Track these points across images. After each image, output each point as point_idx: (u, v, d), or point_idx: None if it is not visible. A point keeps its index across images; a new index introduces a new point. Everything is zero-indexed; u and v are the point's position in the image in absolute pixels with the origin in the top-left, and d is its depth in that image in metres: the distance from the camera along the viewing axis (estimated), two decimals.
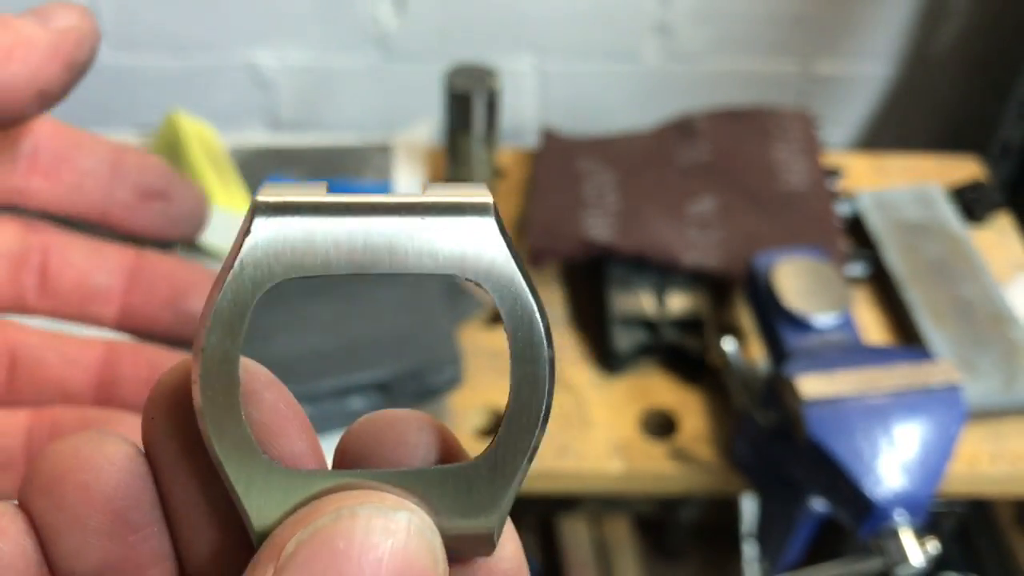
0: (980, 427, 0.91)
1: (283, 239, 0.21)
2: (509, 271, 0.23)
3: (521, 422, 0.23)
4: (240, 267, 0.21)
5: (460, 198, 0.22)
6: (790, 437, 0.77)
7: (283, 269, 0.22)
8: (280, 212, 0.22)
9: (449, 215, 0.22)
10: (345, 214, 0.22)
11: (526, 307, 0.23)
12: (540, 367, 0.23)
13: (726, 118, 1.17)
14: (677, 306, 0.97)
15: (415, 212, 0.22)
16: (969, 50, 1.39)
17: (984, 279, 1.02)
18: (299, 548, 0.21)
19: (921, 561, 0.69)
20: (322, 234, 0.22)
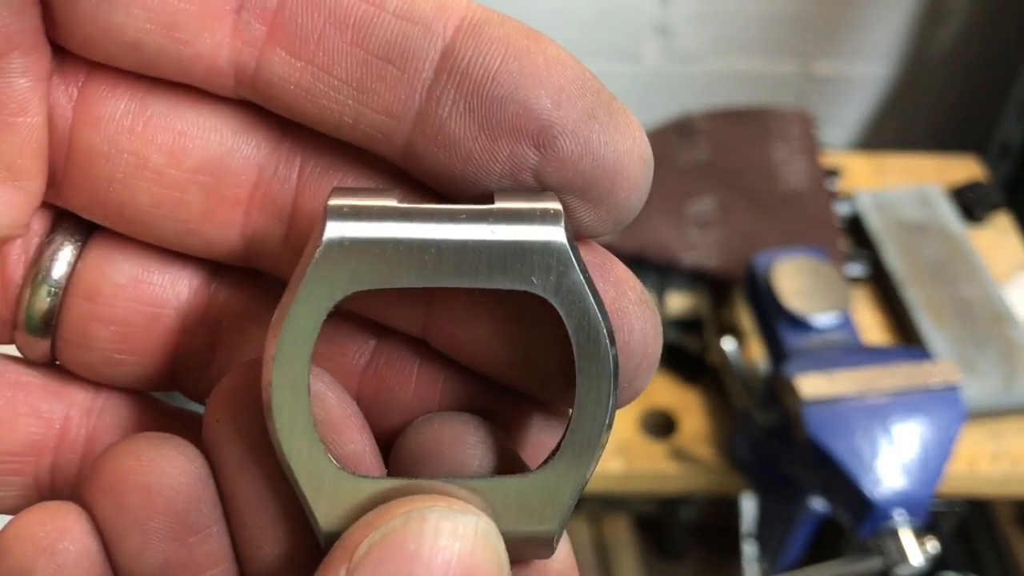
0: (979, 427, 0.91)
1: (354, 249, 0.21)
2: (578, 287, 0.22)
3: (585, 435, 0.23)
4: (314, 271, 0.21)
5: (530, 205, 0.22)
6: (790, 437, 0.77)
7: (353, 280, 0.22)
8: (352, 217, 0.22)
9: (519, 223, 0.22)
10: (416, 221, 0.22)
11: (594, 324, 0.22)
12: (605, 383, 0.23)
13: (726, 118, 1.17)
14: (677, 306, 0.97)
15: (486, 221, 0.22)
16: (968, 51, 1.39)
17: (983, 279, 1.03)
18: (371, 550, 0.21)
19: (921, 561, 0.70)
20: (392, 246, 0.22)
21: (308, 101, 0.23)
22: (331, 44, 0.22)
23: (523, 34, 0.23)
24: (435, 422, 0.25)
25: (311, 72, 0.22)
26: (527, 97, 0.22)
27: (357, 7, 0.22)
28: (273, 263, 0.25)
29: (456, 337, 0.24)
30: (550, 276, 0.22)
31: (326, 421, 0.23)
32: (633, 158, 0.24)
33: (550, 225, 0.22)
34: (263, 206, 0.24)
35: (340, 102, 0.23)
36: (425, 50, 0.22)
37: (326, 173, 0.24)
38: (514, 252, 0.22)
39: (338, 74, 0.22)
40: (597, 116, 0.23)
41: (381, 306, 0.25)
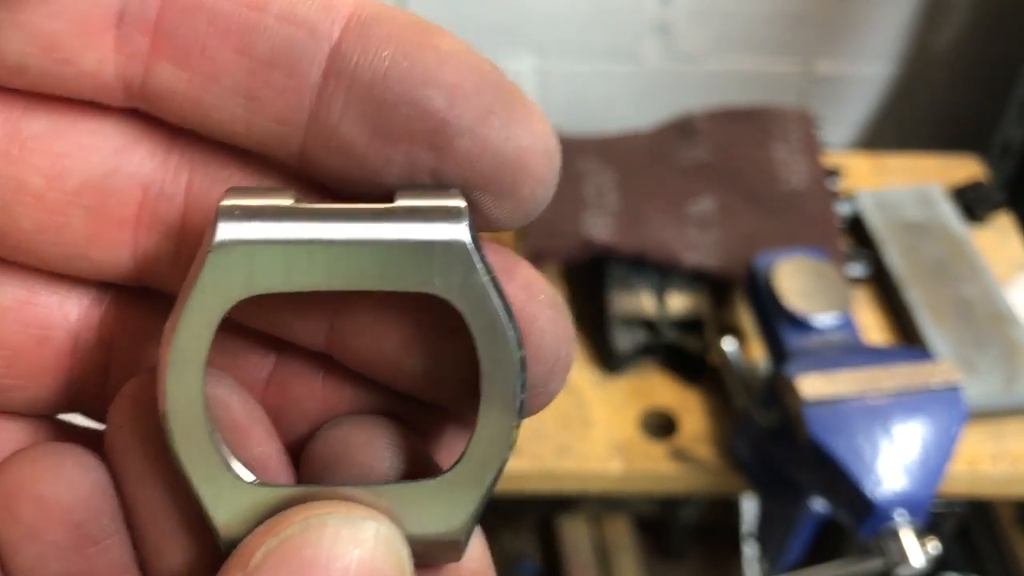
0: (980, 427, 0.91)
1: (246, 253, 0.21)
2: (480, 288, 0.22)
3: (492, 439, 0.22)
4: (207, 276, 0.21)
5: (432, 203, 0.22)
6: (790, 437, 0.77)
7: (248, 282, 0.21)
8: (245, 217, 0.21)
9: (419, 222, 0.21)
10: (312, 221, 0.21)
11: (498, 327, 0.22)
12: (511, 387, 0.22)
13: (726, 118, 1.17)
14: (677, 306, 0.97)
15: (385, 220, 0.21)
16: (969, 50, 1.39)
17: (984, 279, 1.03)
18: (267, 557, 0.21)
19: (921, 561, 0.69)
20: (286, 247, 0.21)
21: (198, 111, 0.22)
22: (215, 53, 0.21)
23: (415, 29, 0.22)
24: (344, 425, 0.24)
25: (198, 82, 0.22)
26: (419, 98, 0.22)
27: (239, 13, 0.21)
28: (166, 281, 0.24)
29: (361, 352, 0.24)
30: (452, 277, 0.21)
31: (230, 426, 0.23)
32: (536, 152, 0.23)
33: (452, 223, 0.21)
34: (151, 225, 0.23)
35: (230, 111, 0.22)
36: (311, 54, 0.21)
37: (216, 185, 0.23)
38: (415, 252, 0.21)
39: (225, 83, 0.22)
40: (496, 111, 0.22)
41: (281, 321, 0.24)
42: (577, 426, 0.91)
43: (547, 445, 0.88)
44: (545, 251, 1.01)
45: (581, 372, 0.96)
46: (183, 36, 0.21)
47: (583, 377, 0.95)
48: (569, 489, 0.90)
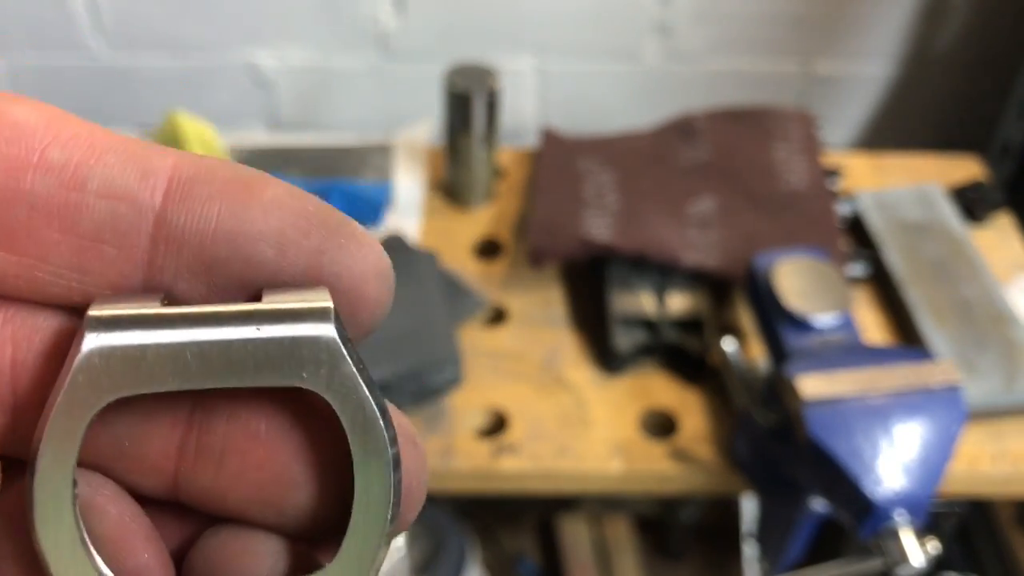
0: (980, 427, 0.91)
1: (113, 356, 0.21)
2: (350, 379, 0.22)
3: (364, 532, 0.23)
4: (73, 386, 0.21)
5: (298, 304, 0.22)
6: (790, 437, 0.77)
7: (114, 387, 0.21)
8: (111, 327, 0.21)
9: (286, 322, 0.22)
10: (177, 326, 0.21)
11: (370, 417, 0.22)
12: (383, 477, 0.22)
13: (726, 118, 1.17)
14: (677, 306, 0.97)
15: (251, 321, 0.21)
16: (969, 50, 1.39)
17: (984, 279, 1.03)
18: None
19: (921, 561, 0.70)
20: (153, 350, 0.21)
21: (32, 289, 0.22)
22: (41, 236, 0.22)
23: (236, 184, 0.22)
24: (222, 532, 0.24)
25: (28, 264, 0.22)
26: (249, 253, 0.22)
27: (58, 196, 0.22)
28: (6, 454, 0.24)
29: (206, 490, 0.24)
30: (320, 369, 0.22)
31: (106, 537, 0.22)
32: (368, 279, 0.23)
33: (319, 321, 0.22)
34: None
35: (64, 285, 0.22)
36: (136, 225, 0.22)
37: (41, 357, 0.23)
38: (283, 348, 0.22)
39: (56, 262, 0.22)
40: (325, 250, 0.23)
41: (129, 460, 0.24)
42: (577, 426, 0.91)
43: (547, 445, 0.88)
44: (545, 251, 1.01)
45: (581, 372, 0.96)
46: (6, 224, 0.22)
47: (583, 377, 0.96)
48: (569, 489, 0.90)
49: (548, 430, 0.90)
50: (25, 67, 1.36)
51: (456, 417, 0.91)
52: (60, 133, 0.22)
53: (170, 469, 0.24)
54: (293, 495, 0.24)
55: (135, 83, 1.38)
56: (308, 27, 1.33)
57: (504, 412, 0.91)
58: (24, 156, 0.21)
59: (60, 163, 0.22)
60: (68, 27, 1.32)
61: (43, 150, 0.22)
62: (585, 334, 1.00)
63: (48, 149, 0.22)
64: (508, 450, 0.88)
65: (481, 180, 1.14)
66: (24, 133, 0.22)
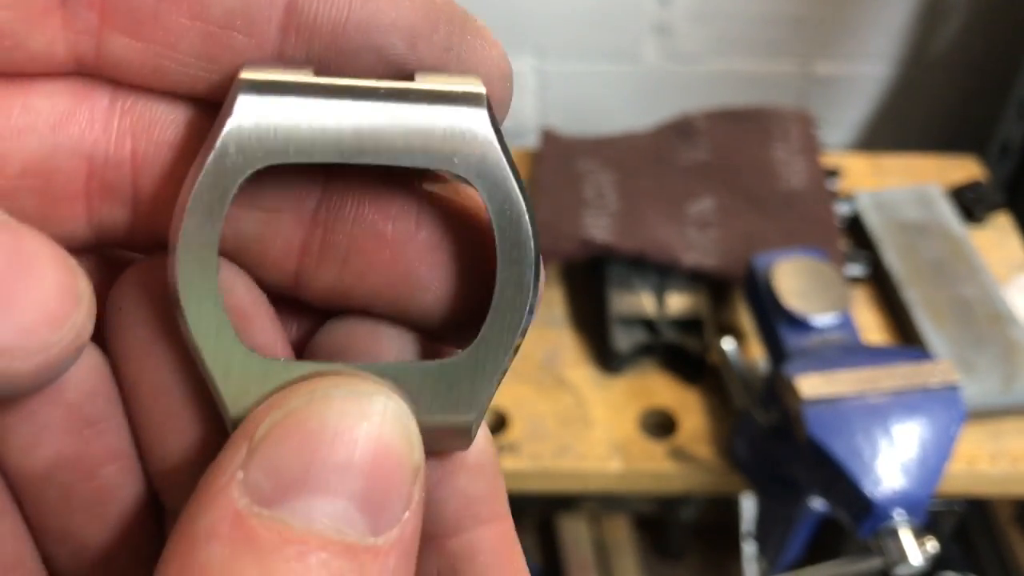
0: (979, 427, 0.91)
1: (267, 122, 0.21)
2: (501, 169, 0.22)
3: (506, 321, 0.22)
4: (221, 150, 0.21)
5: (452, 87, 0.22)
6: (789, 437, 0.77)
7: (265, 154, 0.21)
8: (266, 91, 0.21)
9: (441, 103, 0.21)
10: (333, 96, 0.21)
11: (516, 207, 0.22)
12: (527, 268, 0.22)
13: (725, 118, 1.17)
14: (677, 306, 0.97)
15: (407, 99, 0.21)
16: (968, 51, 1.39)
17: (983, 279, 1.03)
18: (272, 428, 0.20)
19: (920, 560, 0.70)
20: (308, 119, 0.21)
21: (157, 78, 0.22)
22: (169, 21, 0.21)
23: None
24: (348, 319, 0.24)
25: (155, 51, 0.21)
26: (380, 45, 0.22)
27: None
28: (124, 244, 0.24)
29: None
30: (472, 156, 0.22)
31: (235, 310, 0.22)
32: (494, 80, 0.23)
33: (473, 107, 0.22)
34: (102, 194, 0.23)
35: (191, 75, 0.22)
36: (267, 12, 0.21)
37: (161, 149, 0.23)
38: (436, 131, 0.21)
39: (184, 49, 0.21)
40: (452, 46, 0.23)
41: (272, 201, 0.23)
42: (577, 426, 0.91)
43: (547, 445, 0.88)
44: (545, 251, 1.01)
45: (581, 372, 0.96)
46: (133, 7, 0.21)
47: (583, 377, 0.96)
48: (569, 488, 0.90)
49: (548, 430, 0.90)
50: None
51: None
52: None
53: (292, 267, 0.24)
54: (418, 296, 0.24)
55: None
56: None
57: (504, 412, 0.92)
58: None
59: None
60: None
61: None
62: (585, 334, 1.00)
63: None
64: (508, 449, 0.88)
65: None
66: None
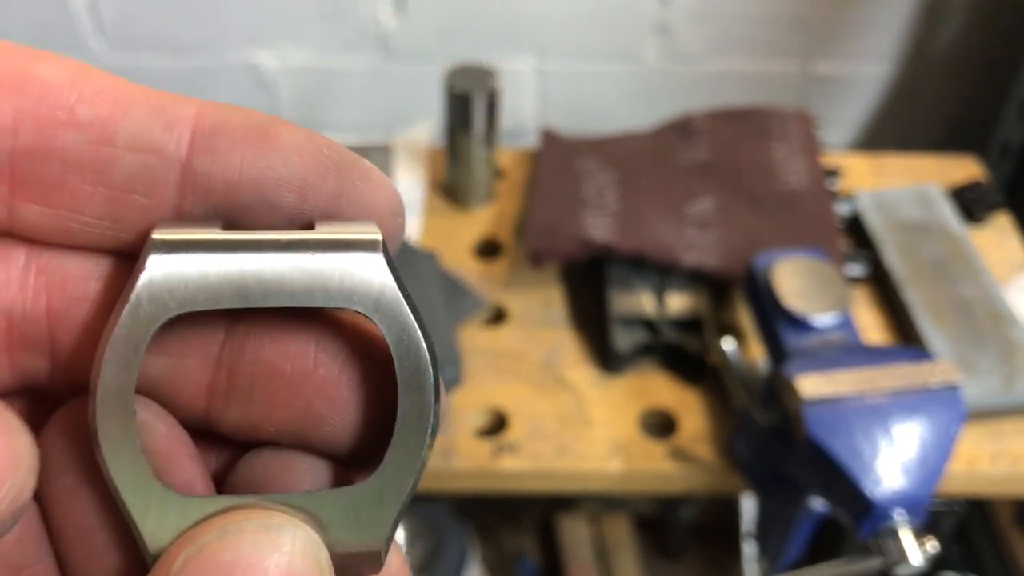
0: (979, 427, 0.91)
1: (177, 275, 0.22)
2: (397, 304, 0.24)
3: (408, 445, 0.24)
4: (136, 302, 0.22)
5: (349, 235, 0.23)
6: (789, 437, 0.78)
7: (177, 304, 0.22)
8: (174, 249, 0.23)
9: (339, 251, 0.23)
10: (237, 251, 0.23)
11: (413, 338, 0.24)
12: (426, 394, 0.24)
13: (725, 118, 1.18)
14: (677, 306, 0.97)
15: (306, 248, 0.23)
16: (968, 50, 1.39)
17: (983, 279, 1.03)
18: (187, 564, 0.21)
19: (920, 560, 0.70)
20: (215, 270, 0.23)
21: (68, 238, 0.24)
22: (74, 189, 0.23)
23: (257, 131, 0.23)
24: (263, 452, 0.25)
25: (63, 216, 0.23)
26: (272, 199, 0.23)
27: (88, 151, 0.23)
28: (49, 391, 0.25)
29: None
30: (369, 296, 0.23)
31: (155, 449, 0.24)
32: (385, 217, 0.25)
33: (369, 251, 0.23)
34: (23, 347, 0.24)
35: (99, 234, 0.23)
36: (165, 176, 0.23)
37: (76, 303, 0.24)
38: (335, 276, 0.23)
39: (90, 212, 0.23)
40: (343, 192, 0.24)
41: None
42: (577, 426, 0.91)
43: (547, 445, 0.89)
44: (544, 251, 1.01)
45: (581, 372, 0.96)
46: (40, 179, 0.23)
47: (583, 377, 0.96)
48: (569, 488, 0.90)
49: (548, 430, 0.90)
50: None
51: (456, 417, 0.91)
52: (85, 89, 0.23)
53: (202, 405, 0.25)
54: (320, 429, 0.25)
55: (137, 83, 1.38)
56: (309, 28, 1.33)
57: (504, 412, 0.92)
58: (54, 114, 0.22)
59: (89, 119, 0.22)
60: (70, 28, 1.33)
61: (72, 108, 0.22)
62: (585, 334, 1.00)
63: (76, 106, 0.22)
64: (508, 450, 0.88)
65: (481, 180, 1.14)
66: (52, 91, 0.22)
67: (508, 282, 1.06)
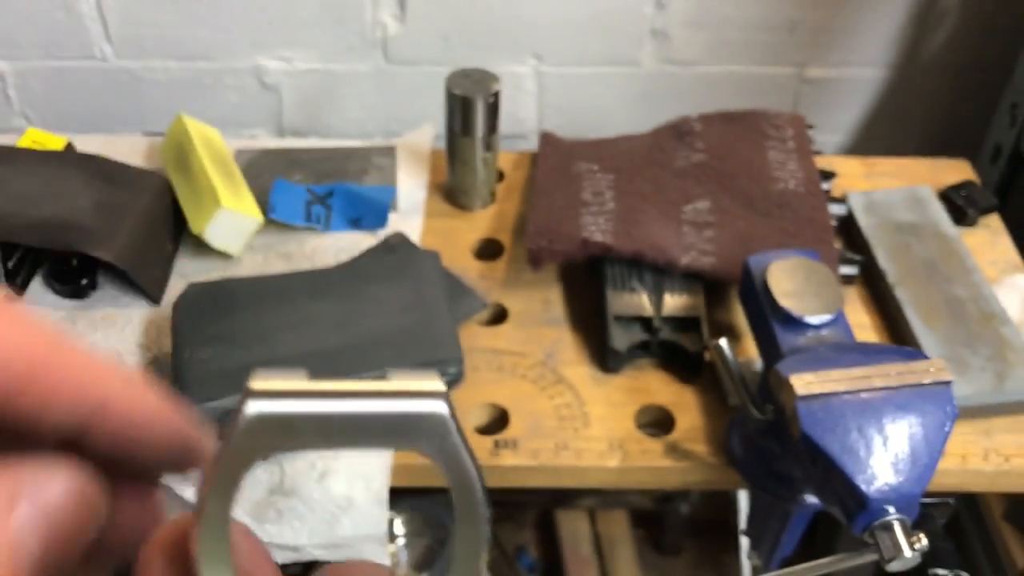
0: (971, 424, 0.92)
1: (271, 421, 0.26)
2: (457, 451, 0.27)
3: (468, 566, 0.28)
4: (235, 443, 0.26)
5: (418, 386, 0.27)
6: (784, 434, 0.78)
7: (271, 446, 0.26)
8: (268, 397, 0.26)
9: (408, 399, 0.27)
10: (322, 398, 0.26)
11: (471, 481, 0.27)
12: (481, 527, 0.27)
13: (721, 120, 1.18)
14: (674, 305, 0.98)
15: (381, 397, 0.27)
16: (961, 55, 1.40)
17: (975, 278, 1.03)
18: None
19: (912, 556, 0.70)
20: (302, 417, 0.26)
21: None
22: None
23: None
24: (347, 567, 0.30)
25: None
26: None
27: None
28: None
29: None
30: (434, 440, 0.27)
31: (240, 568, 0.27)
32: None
33: (434, 399, 0.27)
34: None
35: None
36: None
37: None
38: (405, 421, 0.27)
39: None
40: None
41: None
42: (575, 423, 0.92)
43: (546, 442, 0.90)
44: (543, 252, 1.02)
45: (579, 370, 0.97)
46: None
47: (581, 375, 0.97)
48: (567, 484, 0.91)
49: (547, 427, 0.91)
50: (35, 71, 1.37)
51: (458, 414, 0.92)
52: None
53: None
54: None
55: (141, 89, 1.39)
56: (313, 33, 1.34)
57: (504, 409, 0.93)
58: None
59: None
60: (77, 33, 1.33)
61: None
62: (583, 333, 1.01)
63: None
64: (508, 446, 0.89)
65: (482, 182, 1.15)
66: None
67: (508, 282, 1.07)
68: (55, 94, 1.39)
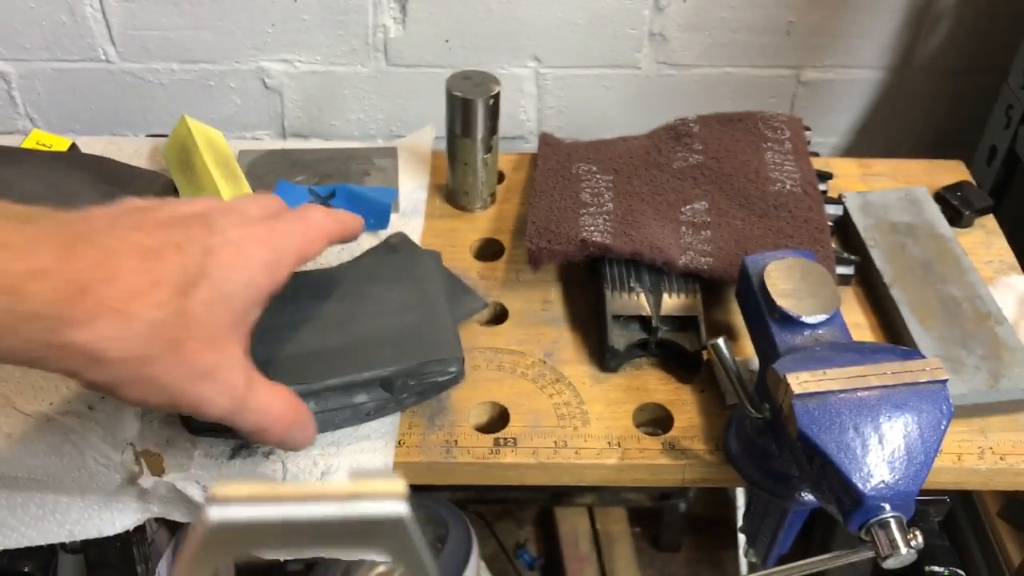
0: (967, 423, 0.92)
1: (233, 527, 0.26)
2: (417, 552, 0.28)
3: None
4: (199, 548, 0.26)
5: (378, 488, 0.28)
6: (781, 432, 0.79)
7: (233, 552, 0.27)
8: (230, 503, 0.27)
9: (368, 501, 0.27)
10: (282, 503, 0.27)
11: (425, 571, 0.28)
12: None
13: (718, 121, 1.18)
14: (672, 304, 0.98)
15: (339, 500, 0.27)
16: (956, 57, 1.40)
17: (970, 279, 1.04)
18: None
19: (908, 553, 0.71)
20: (263, 524, 0.27)
21: None
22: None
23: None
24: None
25: None
26: None
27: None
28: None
29: None
30: (394, 542, 0.28)
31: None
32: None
33: (393, 501, 0.28)
34: None
35: None
36: None
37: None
38: (365, 524, 0.27)
39: None
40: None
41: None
42: (574, 421, 0.92)
43: (545, 440, 0.90)
44: (543, 252, 1.02)
45: (578, 369, 0.98)
46: None
47: (580, 374, 0.97)
48: (566, 481, 0.91)
49: (546, 426, 0.91)
50: (40, 73, 1.38)
51: (458, 412, 0.92)
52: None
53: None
54: None
55: (144, 91, 1.39)
56: (315, 36, 1.34)
57: (504, 408, 0.93)
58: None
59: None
60: (81, 36, 1.34)
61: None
62: (582, 332, 1.02)
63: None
64: (508, 444, 0.89)
65: (482, 183, 1.16)
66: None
67: (508, 283, 1.07)
68: (59, 96, 1.40)
